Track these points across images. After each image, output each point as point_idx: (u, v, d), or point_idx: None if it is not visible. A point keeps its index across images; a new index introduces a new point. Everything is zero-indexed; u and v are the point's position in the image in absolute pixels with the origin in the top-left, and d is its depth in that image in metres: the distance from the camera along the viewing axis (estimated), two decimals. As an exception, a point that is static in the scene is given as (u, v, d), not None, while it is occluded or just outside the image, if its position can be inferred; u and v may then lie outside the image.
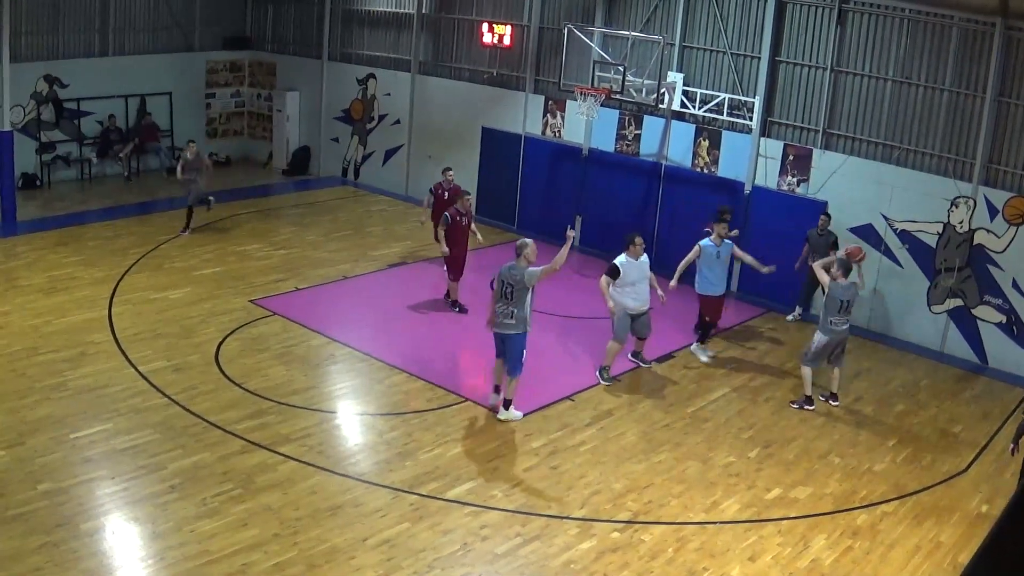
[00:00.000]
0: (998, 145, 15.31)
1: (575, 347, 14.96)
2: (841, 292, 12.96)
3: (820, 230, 16.10)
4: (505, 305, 11.92)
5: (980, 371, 15.51)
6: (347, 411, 12.69)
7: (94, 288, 15.85)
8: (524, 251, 11.94)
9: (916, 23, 15.82)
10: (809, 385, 13.42)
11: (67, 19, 22.46)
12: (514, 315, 11.91)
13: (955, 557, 10.04)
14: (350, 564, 9.16)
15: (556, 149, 20.58)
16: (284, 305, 15.74)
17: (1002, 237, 15.23)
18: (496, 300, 12.06)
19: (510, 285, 11.85)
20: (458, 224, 15.69)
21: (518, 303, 11.87)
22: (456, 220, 15.65)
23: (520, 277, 11.82)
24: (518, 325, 11.96)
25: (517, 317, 11.92)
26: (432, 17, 22.65)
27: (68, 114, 22.65)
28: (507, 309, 11.91)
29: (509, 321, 11.94)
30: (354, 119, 24.54)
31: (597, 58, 18.41)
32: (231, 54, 26.09)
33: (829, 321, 13.05)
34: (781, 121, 17.53)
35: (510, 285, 11.85)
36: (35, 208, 20.40)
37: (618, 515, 10.41)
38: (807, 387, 13.43)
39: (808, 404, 13.40)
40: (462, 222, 15.77)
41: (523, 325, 11.98)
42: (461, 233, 15.82)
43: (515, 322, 11.94)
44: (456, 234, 15.71)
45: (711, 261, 14.48)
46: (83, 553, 8.93)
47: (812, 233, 16.23)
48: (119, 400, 12.03)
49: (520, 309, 11.89)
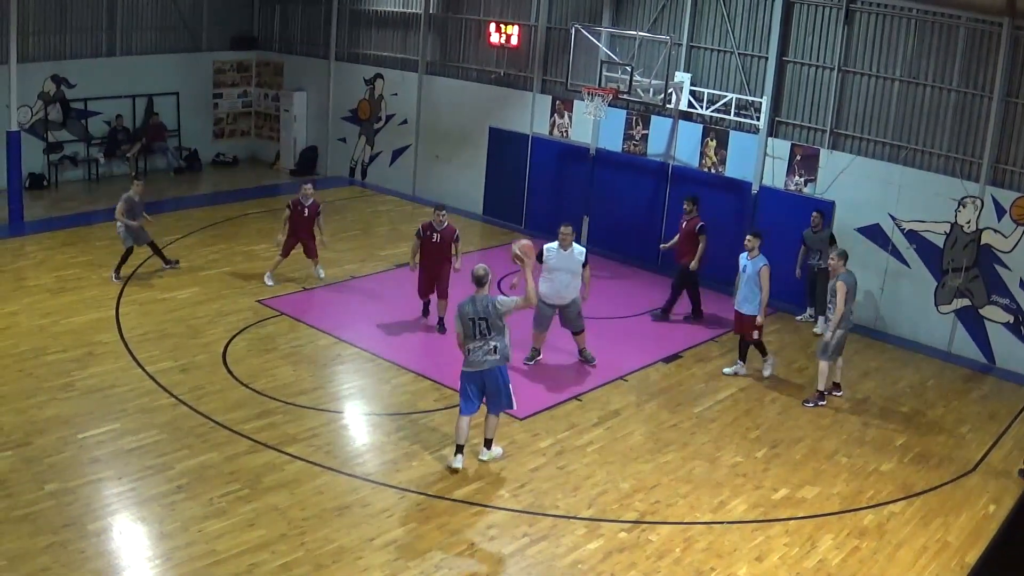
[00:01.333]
0: (1005, 145, 15.27)
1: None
2: (853, 280, 13.08)
3: (814, 227, 16.08)
4: (483, 342, 10.63)
5: (987, 371, 15.47)
6: (354, 411, 12.70)
7: (101, 288, 15.88)
8: (487, 281, 10.78)
9: (923, 23, 15.78)
10: (824, 380, 13.42)
11: (74, 19, 22.52)
12: (497, 349, 10.66)
13: (962, 557, 10.02)
14: (357, 564, 9.17)
15: (563, 149, 20.58)
16: (291, 305, 15.76)
17: (1009, 237, 15.19)
18: (468, 341, 10.70)
19: (483, 319, 10.57)
20: (428, 240, 14.87)
21: (498, 335, 10.64)
22: (427, 236, 14.89)
23: (491, 308, 10.56)
24: (502, 358, 10.75)
25: (500, 352, 10.69)
26: (439, 17, 22.66)
27: (75, 114, 22.71)
28: (487, 345, 10.61)
29: (492, 357, 10.67)
30: (361, 119, 24.55)
31: (604, 58, 18.42)
32: (238, 54, 26.13)
33: (849, 311, 13.10)
34: (788, 121, 17.51)
35: (483, 319, 10.57)
36: (42, 208, 20.45)
37: (625, 515, 10.40)
38: (822, 382, 13.43)
39: (821, 400, 13.41)
40: (432, 238, 14.87)
41: (506, 357, 10.81)
42: (432, 250, 14.91)
43: (499, 357, 10.71)
44: (425, 250, 14.94)
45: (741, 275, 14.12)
46: (90, 553, 8.95)
47: (807, 233, 16.21)
48: (126, 400, 12.06)
49: (501, 340, 10.66)
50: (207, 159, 25.63)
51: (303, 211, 16.57)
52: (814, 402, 13.43)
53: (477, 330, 10.61)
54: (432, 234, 14.87)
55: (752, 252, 13.81)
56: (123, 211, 16.20)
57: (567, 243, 13.55)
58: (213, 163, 25.74)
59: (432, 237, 14.87)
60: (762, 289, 13.68)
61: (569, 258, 13.56)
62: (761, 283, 13.68)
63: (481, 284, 10.76)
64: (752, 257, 13.81)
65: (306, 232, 16.67)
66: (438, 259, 14.93)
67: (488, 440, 11.27)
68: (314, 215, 16.67)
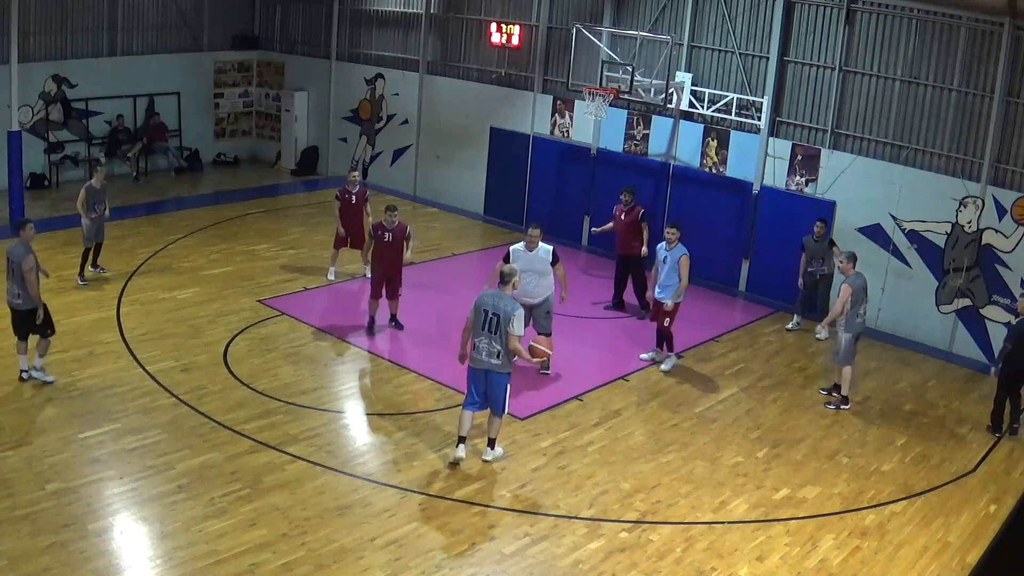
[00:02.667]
0: (1006, 145, 15.27)
1: (583, 347, 14.96)
2: (861, 282, 13.14)
3: (816, 236, 16.00)
4: (489, 340, 10.59)
5: (988, 371, 15.45)
6: (355, 411, 12.71)
7: (102, 288, 15.89)
8: (512, 279, 10.79)
9: (924, 23, 15.78)
10: (848, 385, 13.44)
11: (75, 19, 22.52)
12: (500, 355, 10.60)
13: (963, 557, 10.02)
14: (358, 564, 9.17)
15: (564, 149, 20.58)
16: (292, 305, 15.76)
17: (1010, 237, 15.19)
18: (476, 332, 10.68)
19: (495, 316, 10.52)
20: (380, 240, 14.70)
21: (503, 340, 10.56)
22: (379, 235, 14.71)
23: (507, 310, 10.49)
24: (504, 365, 10.68)
25: (503, 358, 10.62)
26: (440, 17, 22.66)
27: (76, 114, 22.71)
28: (492, 347, 10.58)
29: (495, 361, 10.64)
30: (362, 119, 24.56)
31: (605, 58, 18.41)
32: (239, 54, 26.13)
33: (855, 315, 13.13)
34: (789, 121, 17.51)
35: (495, 316, 10.52)
36: (43, 208, 20.44)
37: (626, 515, 10.40)
38: (846, 387, 13.44)
39: (845, 404, 13.43)
40: (384, 237, 14.67)
41: (508, 365, 10.73)
42: (385, 249, 14.73)
43: (501, 362, 10.65)
44: (378, 251, 14.78)
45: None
46: (91, 553, 8.95)
47: (808, 240, 16.08)
48: (127, 400, 12.06)
49: (504, 347, 10.60)
50: (208, 159, 25.62)
51: (351, 198, 16.71)
52: (836, 406, 13.42)
53: (488, 324, 10.59)
54: (384, 233, 14.71)
55: (671, 243, 13.97)
56: (83, 200, 15.83)
57: (534, 245, 13.39)
58: (214, 163, 25.74)
59: (384, 236, 14.72)
60: (681, 278, 13.85)
61: (534, 259, 13.38)
62: (680, 272, 13.84)
63: (505, 282, 10.76)
64: (671, 248, 13.96)
65: (356, 221, 16.67)
66: (391, 259, 14.80)
67: (491, 440, 11.29)
68: (362, 202, 16.80)
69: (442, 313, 16.00)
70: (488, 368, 10.72)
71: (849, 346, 13.22)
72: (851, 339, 13.22)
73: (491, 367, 10.69)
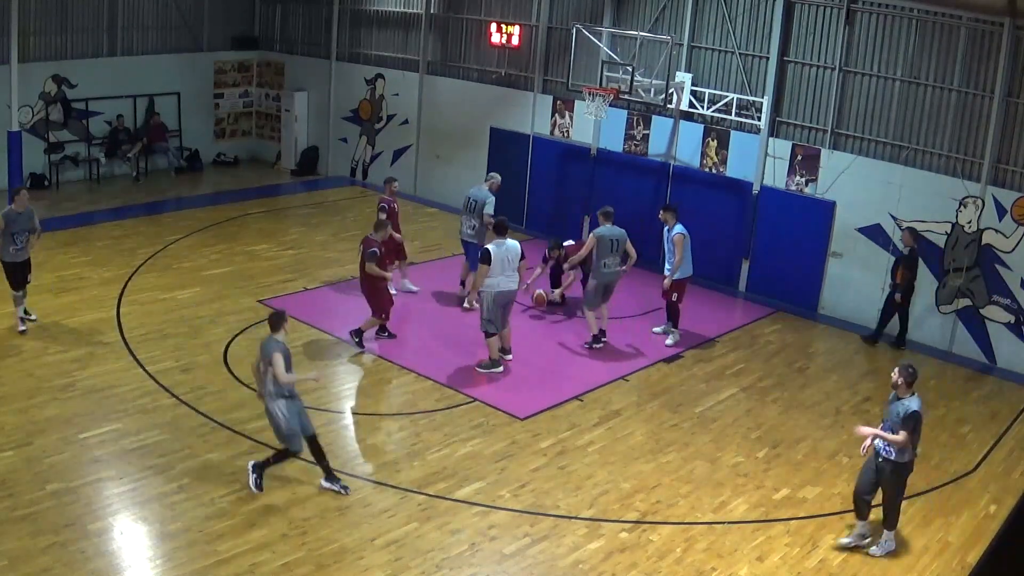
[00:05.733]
0: (1006, 145, 15.26)
1: (583, 347, 14.94)
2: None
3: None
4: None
5: (988, 371, 15.47)
6: (355, 411, 12.70)
7: (102, 288, 15.88)
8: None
9: (924, 23, 15.78)
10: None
11: (75, 19, 22.51)
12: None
13: (963, 557, 10.03)
14: (358, 564, 9.18)
15: (564, 149, 20.58)
16: (293, 305, 15.72)
17: (1010, 237, 15.19)
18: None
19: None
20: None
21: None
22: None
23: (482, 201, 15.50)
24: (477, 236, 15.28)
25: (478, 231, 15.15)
26: (440, 17, 22.66)
27: (76, 114, 22.69)
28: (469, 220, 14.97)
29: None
30: (362, 119, 24.55)
31: (605, 58, 18.41)
32: (239, 54, 26.12)
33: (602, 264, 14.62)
34: (789, 121, 17.51)
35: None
36: (43, 208, 20.33)
37: (626, 515, 10.41)
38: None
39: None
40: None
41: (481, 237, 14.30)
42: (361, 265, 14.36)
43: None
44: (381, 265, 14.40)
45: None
46: (91, 553, 8.96)
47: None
48: (127, 400, 12.07)
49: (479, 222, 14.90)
50: (208, 159, 25.60)
51: (397, 207, 16.42)
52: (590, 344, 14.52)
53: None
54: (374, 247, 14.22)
55: (668, 224, 14.84)
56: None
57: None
58: (214, 163, 25.73)
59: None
60: (674, 254, 14.66)
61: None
62: (675, 249, 14.66)
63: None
64: (669, 228, 14.79)
65: (397, 230, 16.27)
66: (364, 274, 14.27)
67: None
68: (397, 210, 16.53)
69: (442, 313, 15.99)
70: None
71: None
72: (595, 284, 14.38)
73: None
